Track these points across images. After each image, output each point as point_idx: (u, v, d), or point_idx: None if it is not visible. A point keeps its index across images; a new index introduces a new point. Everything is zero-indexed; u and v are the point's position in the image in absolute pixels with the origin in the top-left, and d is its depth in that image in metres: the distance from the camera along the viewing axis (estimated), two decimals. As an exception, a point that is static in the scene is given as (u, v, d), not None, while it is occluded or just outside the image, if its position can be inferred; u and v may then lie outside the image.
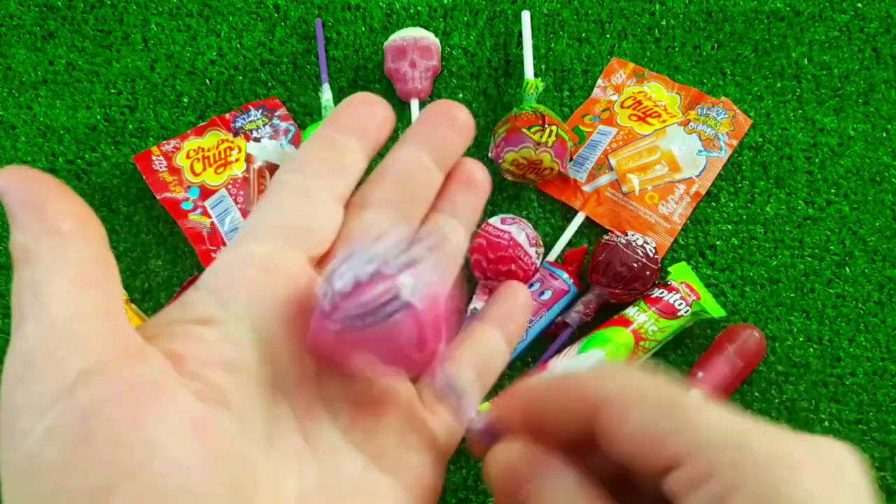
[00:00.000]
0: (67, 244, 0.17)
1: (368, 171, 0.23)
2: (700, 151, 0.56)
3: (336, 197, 0.21)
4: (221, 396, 0.17)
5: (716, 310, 0.51)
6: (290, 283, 0.19)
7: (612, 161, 0.56)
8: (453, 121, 0.23)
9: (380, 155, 0.22)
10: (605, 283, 0.51)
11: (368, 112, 0.22)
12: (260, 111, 0.59)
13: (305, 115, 0.59)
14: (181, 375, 0.17)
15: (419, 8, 0.62)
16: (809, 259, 0.55)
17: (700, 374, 0.49)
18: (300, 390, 0.19)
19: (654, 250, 0.51)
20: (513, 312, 0.24)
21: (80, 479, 0.14)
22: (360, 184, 0.23)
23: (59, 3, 0.62)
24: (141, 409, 0.15)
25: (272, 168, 0.57)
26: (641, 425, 0.16)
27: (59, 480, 0.14)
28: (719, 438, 0.16)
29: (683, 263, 0.54)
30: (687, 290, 0.51)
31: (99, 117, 0.59)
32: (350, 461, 0.20)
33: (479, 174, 0.24)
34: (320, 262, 0.21)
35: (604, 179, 0.56)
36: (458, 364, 0.23)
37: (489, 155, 0.55)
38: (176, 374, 0.17)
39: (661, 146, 0.57)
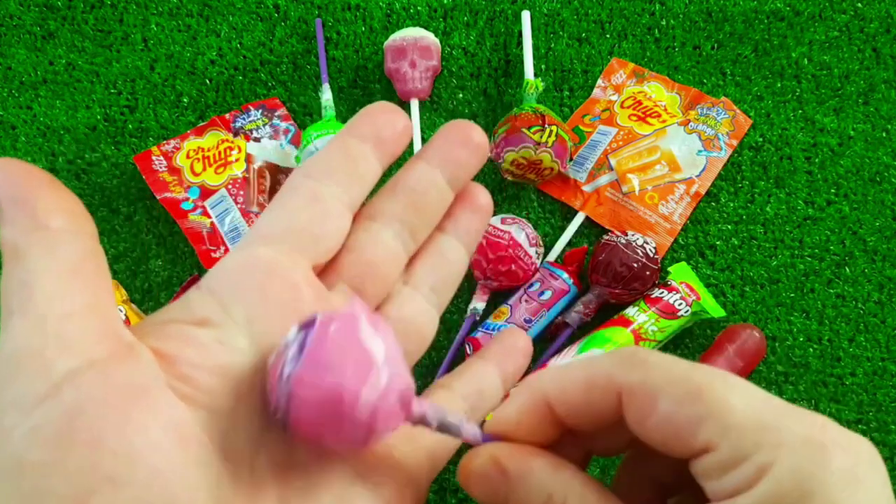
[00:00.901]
0: (57, 240, 0.17)
1: (381, 182, 0.23)
2: (700, 151, 0.56)
3: (347, 205, 0.21)
4: (210, 401, 0.17)
5: (716, 310, 0.51)
6: (292, 292, 0.19)
7: (612, 161, 0.56)
8: (469, 141, 0.23)
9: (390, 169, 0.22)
10: (605, 283, 0.51)
11: (387, 121, 0.22)
12: (260, 111, 0.59)
13: (305, 115, 0.59)
14: (171, 377, 0.17)
15: (419, 8, 0.62)
16: (809, 259, 0.55)
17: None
18: None
19: (654, 250, 0.51)
20: (511, 354, 0.25)
21: (61, 482, 0.14)
22: (371, 193, 0.23)
23: (59, 3, 0.62)
24: (126, 413, 0.15)
25: (272, 168, 0.57)
26: (670, 413, 0.16)
27: (42, 481, 0.14)
28: (751, 422, 0.16)
29: (683, 263, 0.54)
30: (687, 290, 0.51)
31: (99, 117, 0.59)
32: (334, 473, 0.19)
33: (482, 198, 0.24)
34: (324, 269, 0.21)
35: (604, 179, 0.56)
36: (450, 394, 0.23)
37: (489, 155, 0.55)
38: (164, 377, 0.16)
39: (661, 146, 0.57)
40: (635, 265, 0.50)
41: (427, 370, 0.52)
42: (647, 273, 0.50)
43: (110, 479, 0.14)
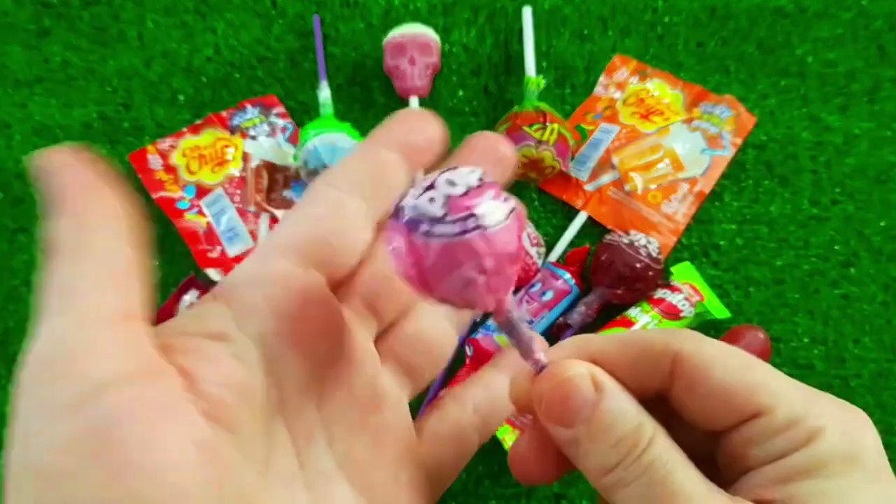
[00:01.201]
0: (102, 242, 0.16)
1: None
2: (704, 150, 0.56)
3: (370, 217, 0.20)
4: (228, 418, 0.17)
5: (720, 311, 0.50)
6: (306, 306, 0.19)
7: (615, 159, 0.56)
8: (496, 153, 0.22)
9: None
10: (608, 283, 0.50)
11: (419, 129, 0.21)
12: (257, 109, 0.58)
13: (303, 113, 0.59)
14: (192, 394, 0.16)
15: (418, 4, 0.61)
16: (814, 259, 0.54)
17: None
18: (301, 415, 0.19)
19: (657, 250, 0.51)
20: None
21: (83, 493, 0.14)
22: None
23: (54, 0, 0.62)
24: (153, 429, 0.15)
25: (269, 166, 0.56)
26: (726, 380, 0.17)
27: (64, 491, 0.14)
28: (798, 392, 0.17)
29: (687, 263, 0.53)
30: (690, 291, 0.50)
31: (94, 115, 0.58)
32: (341, 492, 0.19)
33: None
34: (341, 283, 0.21)
35: (606, 178, 0.55)
36: (460, 405, 0.23)
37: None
38: (187, 394, 0.16)
39: (664, 144, 0.56)
40: (638, 265, 0.49)
41: (427, 372, 0.52)
42: (650, 273, 0.50)
43: (132, 495, 0.14)
